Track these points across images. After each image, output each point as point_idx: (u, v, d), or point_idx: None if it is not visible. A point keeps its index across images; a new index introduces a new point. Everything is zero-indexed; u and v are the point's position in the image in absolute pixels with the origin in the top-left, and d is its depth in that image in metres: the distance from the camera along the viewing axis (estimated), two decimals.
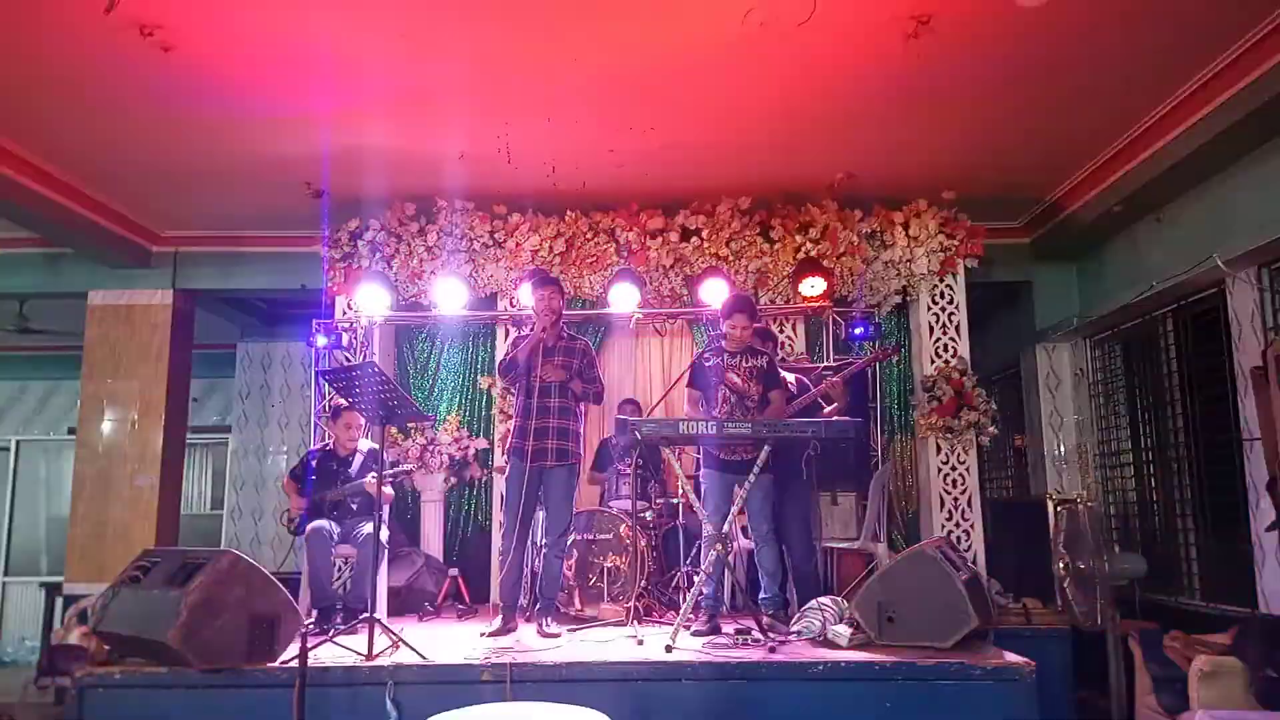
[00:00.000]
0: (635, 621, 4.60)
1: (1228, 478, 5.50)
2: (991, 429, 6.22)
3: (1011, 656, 3.89)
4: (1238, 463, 5.33)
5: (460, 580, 5.87)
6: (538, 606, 4.80)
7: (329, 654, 3.97)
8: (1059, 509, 5.95)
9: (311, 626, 4.52)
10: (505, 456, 5.01)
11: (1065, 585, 5.80)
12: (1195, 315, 5.97)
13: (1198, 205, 5.64)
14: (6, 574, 10.17)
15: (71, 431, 8.06)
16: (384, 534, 5.01)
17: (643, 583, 5.24)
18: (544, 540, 4.92)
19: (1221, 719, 3.99)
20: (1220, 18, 4.27)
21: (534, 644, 4.32)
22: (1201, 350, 5.92)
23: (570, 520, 4.88)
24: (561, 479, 4.75)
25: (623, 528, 5.38)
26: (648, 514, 5.71)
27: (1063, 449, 7.23)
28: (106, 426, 7.28)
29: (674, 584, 5.63)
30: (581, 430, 4.94)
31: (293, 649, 3.79)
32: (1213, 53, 4.58)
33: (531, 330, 4.87)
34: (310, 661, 3.64)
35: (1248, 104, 4.60)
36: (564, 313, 4.97)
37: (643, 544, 5.32)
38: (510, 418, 5.18)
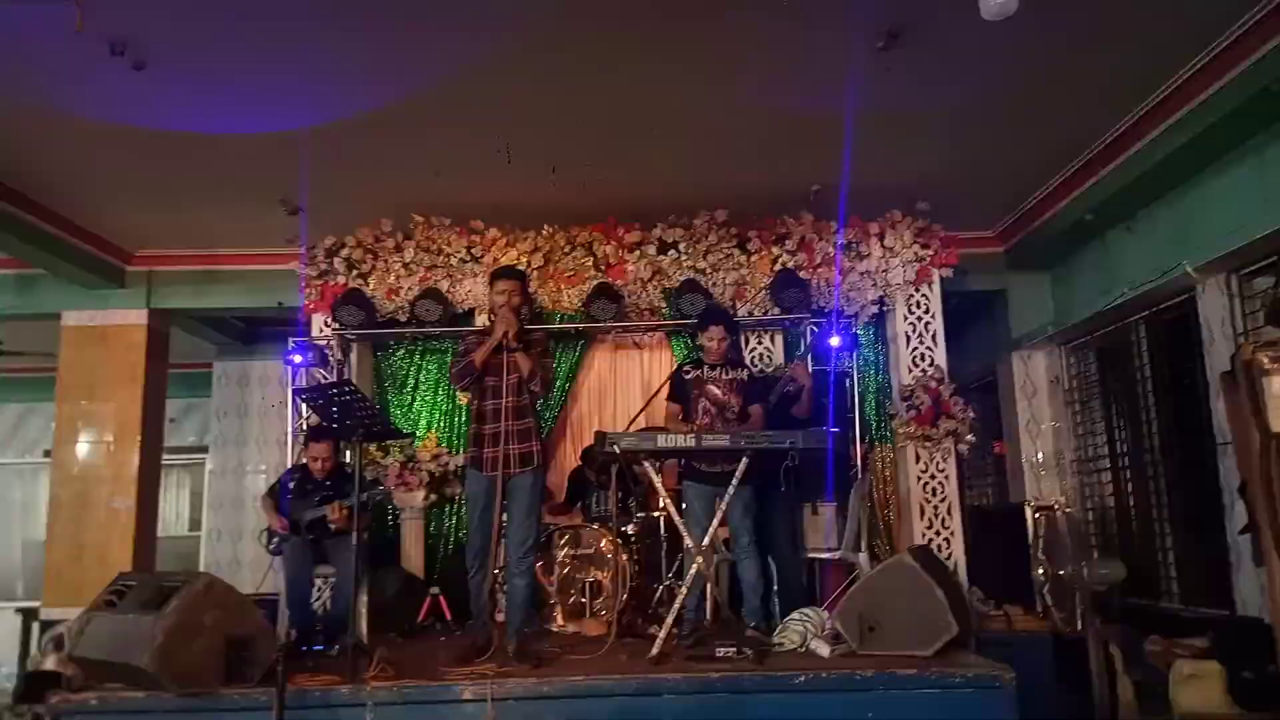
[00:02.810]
0: (618, 636, 4.58)
1: (1203, 482, 5.56)
2: (969, 437, 6.25)
3: (992, 663, 3.91)
4: (1212, 467, 5.39)
5: (441, 598, 5.83)
6: (507, 633, 4.39)
7: (308, 676, 3.93)
8: (1037, 516, 6.03)
9: (290, 648, 4.47)
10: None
11: (1045, 591, 5.86)
12: (1167, 321, 6.04)
13: (1167, 213, 5.71)
14: None
15: (47, 454, 7.96)
16: (363, 553, 4.98)
17: (625, 597, 5.23)
18: (506, 558, 4.51)
19: None
20: (1183, 32, 4.35)
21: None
22: (1174, 356, 5.99)
23: (537, 534, 4.58)
24: (526, 486, 4.41)
25: (604, 542, 5.37)
26: (629, 528, 5.70)
27: (1040, 456, 7.29)
28: (82, 449, 7.20)
29: (657, 598, 5.61)
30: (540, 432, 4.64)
31: (271, 671, 3.76)
32: (1177, 65, 4.67)
33: (477, 335, 4.59)
34: (289, 683, 3.61)
35: (1212, 114, 4.68)
36: (527, 311, 4.62)
37: (625, 558, 5.32)
38: None
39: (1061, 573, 5.66)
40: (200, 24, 4.14)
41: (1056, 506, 5.98)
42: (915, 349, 6.50)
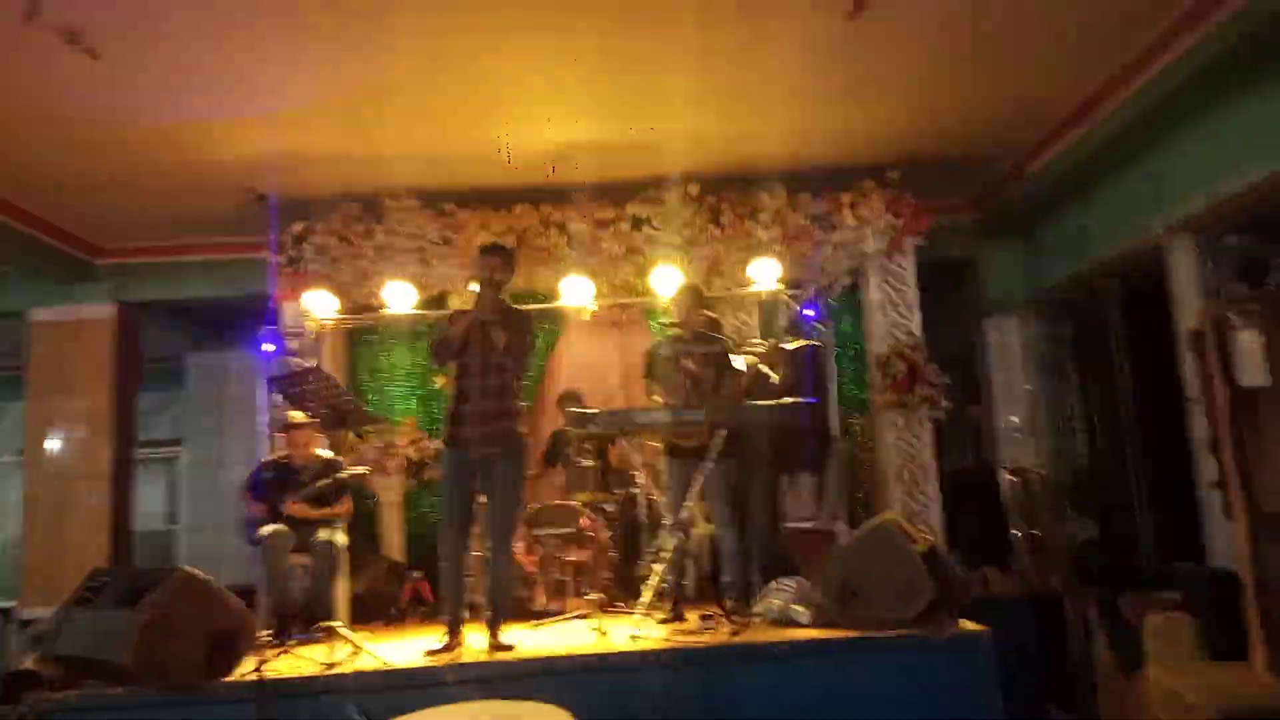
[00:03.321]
0: (599, 613, 4.59)
1: (1175, 440, 5.62)
2: (945, 403, 6.29)
3: (969, 625, 3.95)
4: (1183, 425, 5.45)
5: (424, 583, 5.82)
6: (488, 617, 4.28)
7: (289, 665, 3.92)
8: (1014, 480, 6.09)
9: (270, 637, 4.46)
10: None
11: (1023, 553, 5.94)
12: (1138, 284, 6.09)
13: (1136, 175, 5.74)
14: None
15: (19, 453, 7.86)
16: (343, 540, 4.96)
17: (606, 574, 5.25)
18: (488, 543, 4.40)
19: None
20: None
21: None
22: (1146, 317, 6.04)
23: (518, 517, 4.49)
24: (507, 469, 4.30)
25: (583, 520, 5.38)
26: (609, 505, 5.71)
27: (1016, 420, 7.34)
28: (55, 445, 7.12)
29: (637, 574, 5.63)
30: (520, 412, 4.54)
31: (250, 662, 3.75)
32: (1143, 30, 4.67)
33: (458, 314, 4.48)
34: (270, 673, 3.60)
35: (1179, 75, 4.70)
36: (509, 288, 4.52)
37: (605, 535, 5.32)
38: None
39: (1037, 534, 5.73)
40: (154, 9, 4.06)
41: (1032, 470, 6.04)
42: (890, 318, 6.52)
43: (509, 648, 4.11)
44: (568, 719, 2.75)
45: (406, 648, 4.28)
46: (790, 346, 5.47)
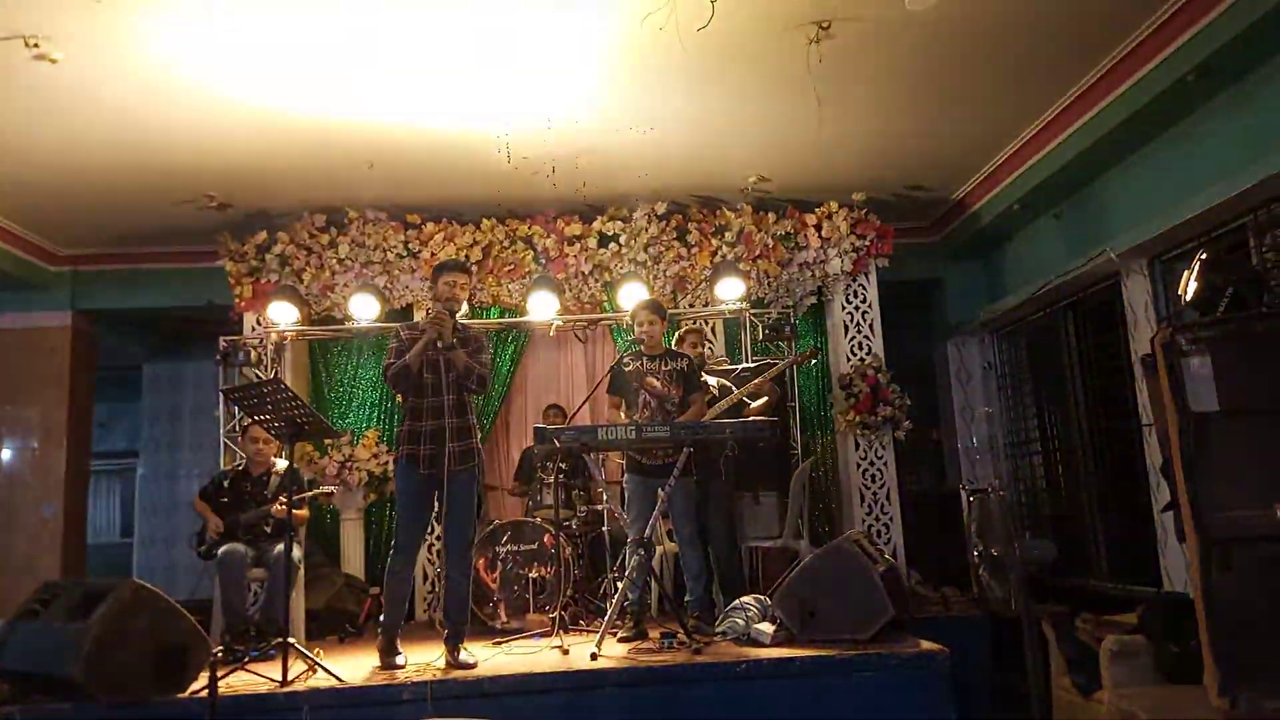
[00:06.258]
0: (561, 631, 4.56)
1: (1129, 462, 5.73)
2: (906, 423, 6.36)
3: (927, 645, 3.98)
4: (1138, 447, 5.55)
5: (382, 599, 5.74)
6: (446, 634, 4.24)
7: (242, 681, 3.85)
8: (972, 499, 6.14)
9: (223, 653, 4.38)
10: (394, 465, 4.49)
11: (981, 573, 5.98)
12: (1093, 308, 6.21)
13: (1091, 201, 5.87)
14: None
15: None
16: (298, 554, 4.88)
17: (569, 591, 5.22)
18: (444, 559, 4.39)
19: None
20: (1101, 26, 4.48)
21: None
22: (1100, 341, 6.16)
23: (475, 533, 4.47)
24: (465, 484, 4.26)
25: (546, 537, 5.35)
26: (572, 522, 5.69)
27: (975, 440, 7.44)
28: (6, 454, 6.97)
29: (600, 591, 5.61)
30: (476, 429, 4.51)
31: (204, 678, 3.67)
32: (1096, 58, 4.80)
33: (409, 330, 4.45)
34: (222, 690, 3.53)
35: (1131, 105, 4.81)
36: (467, 308, 4.50)
37: (568, 552, 5.30)
38: None
39: (995, 554, 5.78)
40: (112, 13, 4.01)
41: (990, 489, 6.10)
42: (853, 338, 6.60)
43: (470, 665, 4.07)
44: None
45: (363, 665, 4.22)
46: (765, 378, 5.49)
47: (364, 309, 6.19)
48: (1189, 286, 3.91)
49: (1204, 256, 3.88)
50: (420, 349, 4.26)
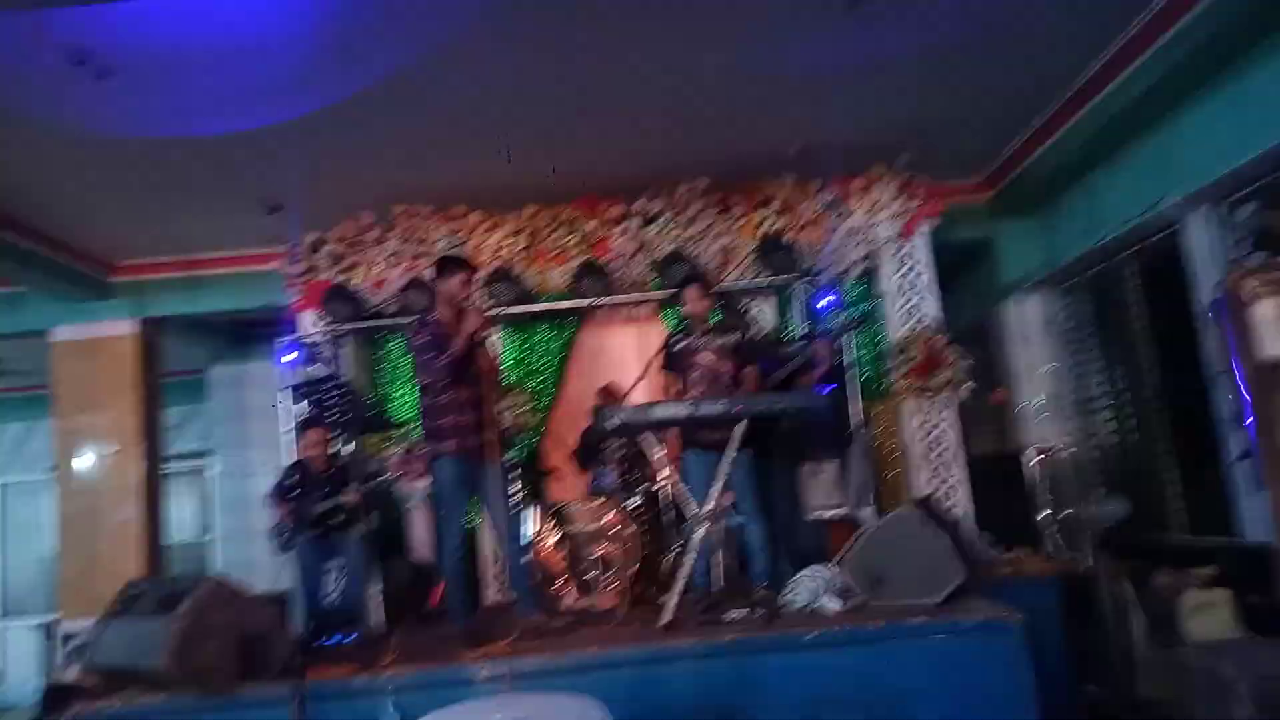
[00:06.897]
0: (630, 607, 4.60)
1: (1201, 413, 5.56)
2: (967, 385, 6.25)
3: (999, 607, 3.92)
4: (1207, 397, 5.39)
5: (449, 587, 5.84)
6: (517, 603, 4.59)
7: (325, 667, 3.95)
8: (1041, 459, 6.05)
9: (305, 641, 4.50)
10: (437, 460, 4.59)
11: (1054, 533, 5.90)
12: (1155, 257, 6.03)
13: (1149, 148, 5.68)
14: (4, 616, 10.07)
15: (53, 470, 7.96)
16: (372, 541, 5.00)
17: (634, 569, 5.26)
18: (503, 544, 4.69)
19: None
20: None
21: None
22: (1164, 290, 5.98)
23: (519, 514, 4.75)
24: (499, 473, 4.57)
25: (610, 515, 5.39)
26: (636, 499, 5.72)
27: (1041, 400, 7.29)
28: (84, 462, 7.21)
29: (665, 568, 5.63)
30: None
31: (287, 666, 3.78)
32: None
33: (437, 325, 4.54)
34: (306, 676, 3.63)
35: (1187, 44, 4.64)
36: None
37: (632, 530, 5.33)
38: None
39: (1068, 513, 5.69)
40: (157, 29, 4.09)
41: (1060, 449, 6.00)
42: (907, 302, 6.50)
43: (540, 642, 4.16)
44: (600, 711, 2.75)
45: (439, 648, 4.30)
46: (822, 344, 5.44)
47: (415, 302, 6.24)
48: (1254, 230, 3.79)
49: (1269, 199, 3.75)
50: (464, 341, 4.39)
